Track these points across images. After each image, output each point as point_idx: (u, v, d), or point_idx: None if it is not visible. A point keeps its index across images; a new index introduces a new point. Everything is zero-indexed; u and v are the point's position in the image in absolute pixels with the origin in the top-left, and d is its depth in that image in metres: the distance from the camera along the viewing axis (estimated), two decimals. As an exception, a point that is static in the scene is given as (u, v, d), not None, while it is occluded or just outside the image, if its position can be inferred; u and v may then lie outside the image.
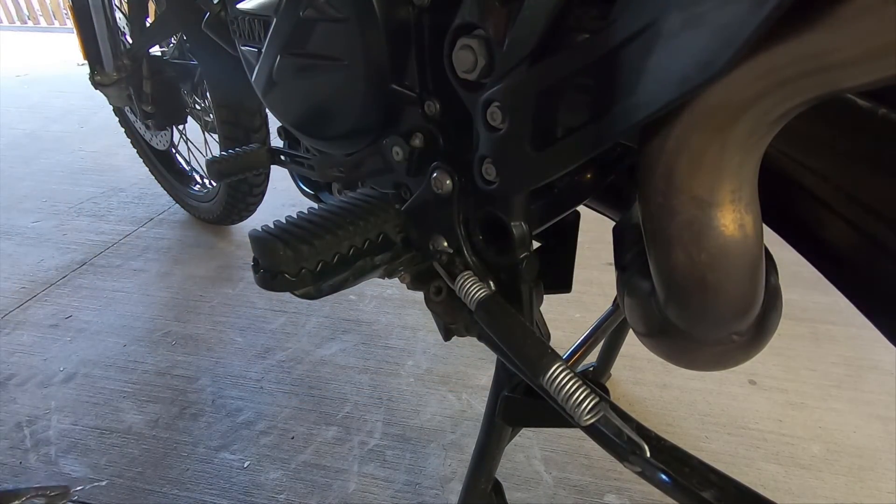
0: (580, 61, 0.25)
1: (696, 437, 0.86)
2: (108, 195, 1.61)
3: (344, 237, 0.37)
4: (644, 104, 0.22)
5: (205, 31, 0.63)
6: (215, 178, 0.57)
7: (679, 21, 0.20)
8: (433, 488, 0.78)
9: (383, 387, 0.95)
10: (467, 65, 0.31)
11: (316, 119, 0.49)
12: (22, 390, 0.95)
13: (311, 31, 0.43)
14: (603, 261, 1.26)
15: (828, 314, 1.10)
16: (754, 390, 0.94)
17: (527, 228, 0.37)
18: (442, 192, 0.38)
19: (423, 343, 1.05)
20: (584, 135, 0.26)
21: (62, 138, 2.01)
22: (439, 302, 0.42)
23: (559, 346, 0.39)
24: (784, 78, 0.19)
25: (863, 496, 0.77)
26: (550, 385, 0.30)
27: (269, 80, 0.50)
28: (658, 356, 0.34)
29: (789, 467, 0.81)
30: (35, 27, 4.19)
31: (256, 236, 0.37)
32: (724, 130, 0.22)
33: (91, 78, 1.18)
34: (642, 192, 0.26)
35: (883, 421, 0.88)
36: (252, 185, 1.23)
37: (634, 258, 0.34)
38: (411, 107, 0.39)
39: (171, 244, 1.39)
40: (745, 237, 0.25)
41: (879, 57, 0.17)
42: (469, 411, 0.91)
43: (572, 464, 0.81)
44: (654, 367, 0.98)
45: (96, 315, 1.12)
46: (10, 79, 2.75)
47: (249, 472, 0.81)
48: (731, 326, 0.29)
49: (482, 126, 0.31)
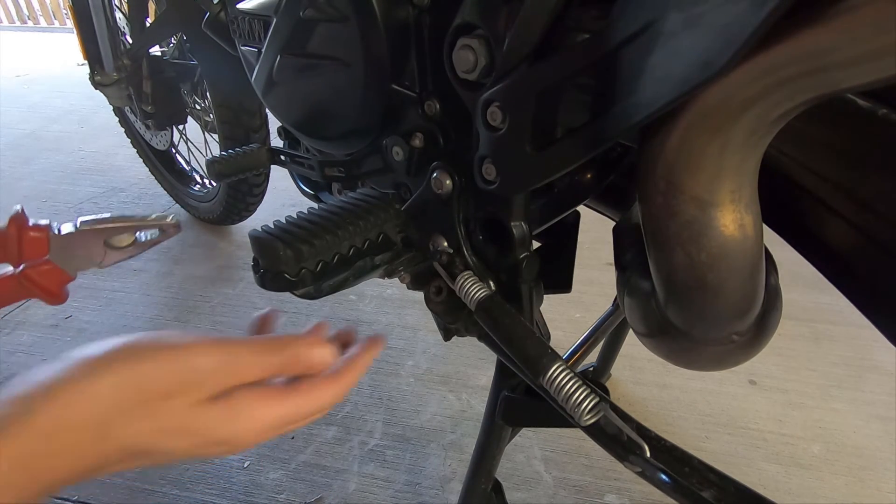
0: (580, 61, 0.25)
1: (696, 437, 0.86)
2: (108, 195, 1.61)
3: (344, 237, 0.37)
4: (644, 104, 0.22)
5: (205, 31, 0.63)
6: (215, 178, 0.57)
7: (679, 21, 0.20)
8: (433, 488, 0.78)
9: (383, 387, 0.95)
10: (467, 65, 0.31)
11: (316, 119, 0.49)
12: (22, 390, 0.95)
13: (311, 31, 0.43)
14: (603, 261, 1.26)
15: (828, 314, 1.10)
16: (754, 390, 0.94)
17: (527, 228, 0.37)
18: (442, 192, 0.38)
19: (423, 343, 1.05)
20: (584, 135, 0.26)
21: (62, 138, 2.01)
22: (439, 302, 0.42)
23: (559, 346, 0.39)
24: (784, 78, 0.19)
25: (863, 496, 0.77)
26: (550, 385, 0.30)
27: (268, 80, 0.50)
28: (658, 356, 0.34)
29: (789, 467, 0.81)
30: (35, 27, 4.18)
31: (256, 236, 0.37)
32: (724, 130, 0.22)
33: (91, 78, 1.17)
34: (642, 192, 0.26)
35: (883, 421, 0.88)
36: (252, 185, 1.23)
37: (634, 258, 0.34)
38: (411, 107, 0.39)
39: (171, 244, 1.39)
40: (745, 237, 0.25)
41: (879, 57, 0.17)
42: (469, 411, 0.91)
43: (572, 464, 0.81)
44: (654, 367, 0.98)
45: (96, 315, 1.12)
46: (10, 79, 2.75)
47: (249, 472, 0.81)
48: (732, 326, 0.29)
49: (482, 126, 0.31)
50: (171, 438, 0.27)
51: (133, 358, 0.27)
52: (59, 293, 0.47)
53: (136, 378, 0.26)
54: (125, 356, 0.27)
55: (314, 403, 0.31)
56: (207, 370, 0.28)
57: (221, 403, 0.28)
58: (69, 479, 0.26)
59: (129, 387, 0.26)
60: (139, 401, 0.26)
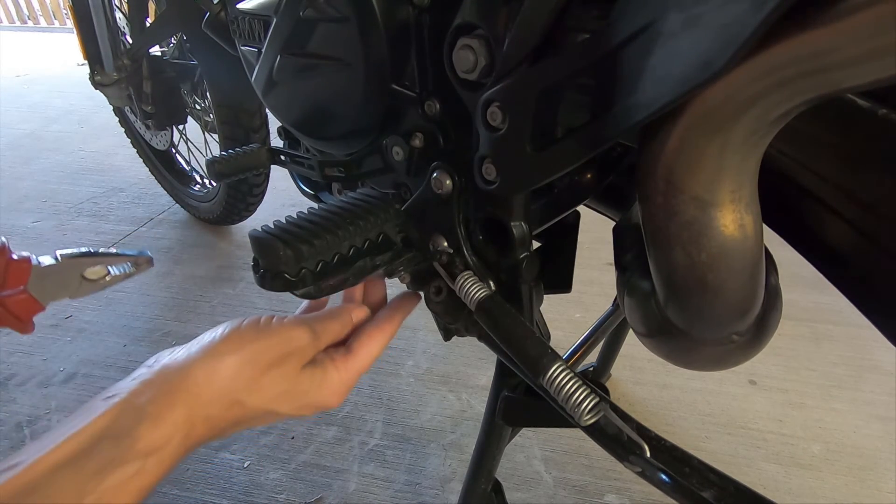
0: (580, 61, 0.25)
1: (696, 437, 0.86)
2: (108, 195, 1.61)
3: (344, 237, 0.37)
4: (644, 104, 0.22)
5: (205, 31, 0.63)
6: (215, 178, 0.57)
7: (679, 21, 0.20)
8: (433, 488, 0.78)
9: (383, 387, 0.95)
10: (467, 65, 0.31)
11: (316, 119, 0.49)
12: (22, 390, 0.95)
13: (311, 31, 0.43)
14: (603, 261, 1.26)
15: (828, 314, 1.10)
16: (754, 390, 0.94)
17: (527, 228, 0.37)
18: (442, 192, 0.38)
19: (423, 343, 1.05)
20: (584, 135, 0.26)
21: (62, 138, 2.01)
22: (439, 302, 0.42)
23: (559, 346, 0.39)
24: (784, 78, 0.19)
25: (863, 496, 0.77)
26: (550, 385, 0.30)
27: (269, 80, 0.50)
28: (658, 356, 0.34)
29: (789, 467, 0.81)
30: (35, 27, 4.18)
31: (256, 236, 0.36)
32: (724, 130, 0.22)
33: (91, 78, 1.17)
34: (642, 192, 0.26)
35: (883, 421, 0.88)
36: (252, 185, 1.23)
37: (634, 258, 0.34)
38: (411, 107, 0.39)
39: (171, 244, 1.39)
40: (745, 237, 0.25)
41: (879, 57, 0.17)
42: (469, 411, 0.91)
43: (572, 464, 0.81)
44: (654, 367, 0.98)
45: (96, 315, 1.12)
46: (10, 79, 2.75)
47: (249, 472, 0.81)
48: (731, 326, 0.29)
49: (482, 126, 0.31)
50: (280, 402, 0.34)
51: (245, 339, 0.34)
52: (29, 322, 0.49)
53: (249, 355, 0.33)
54: (238, 339, 0.34)
55: (370, 354, 0.39)
56: (300, 343, 0.36)
57: (312, 368, 0.36)
58: (208, 440, 0.33)
59: (246, 362, 0.33)
60: (253, 373, 0.33)
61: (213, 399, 0.32)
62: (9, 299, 0.46)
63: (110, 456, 0.28)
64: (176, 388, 0.31)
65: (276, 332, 0.35)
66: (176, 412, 0.30)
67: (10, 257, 0.47)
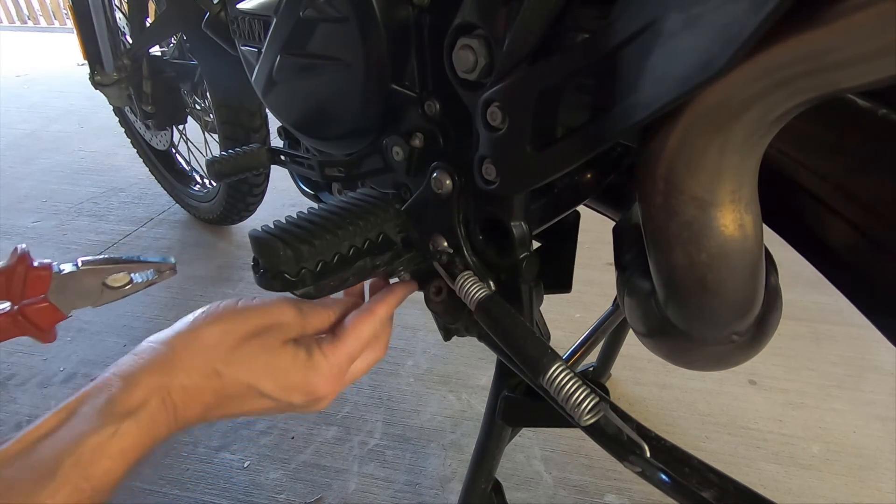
0: (580, 61, 0.25)
1: (696, 437, 0.86)
2: (108, 195, 1.61)
3: (344, 237, 0.37)
4: (644, 104, 0.22)
5: (205, 31, 0.63)
6: (215, 178, 0.57)
7: (679, 21, 0.20)
8: (433, 488, 0.78)
9: (383, 387, 0.95)
10: (467, 65, 0.31)
11: (316, 119, 0.49)
12: (22, 390, 0.95)
13: (310, 31, 0.43)
14: (603, 261, 1.26)
15: (828, 314, 1.10)
16: (754, 390, 0.94)
17: (527, 228, 0.37)
18: (442, 192, 0.38)
19: (423, 343, 1.05)
20: (584, 135, 0.26)
21: (62, 138, 2.01)
22: (439, 302, 0.42)
23: (559, 346, 0.39)
24: (784, 78, 0.19)
25: (863, 496, 0.77)
26: (550, 385, 0.30)
27: (268, 80, 0.50)
28: (658, 356, 0.34)
29: (789, 467, 0.81)
30: (35, 27, 4.18)
31: (256, 236, 0.37)
32: (724, 130, 0.22)
33: (91, 78, 1.17)
34: (642, 192, 0.26)
35: (883, 421, 0.88)
36: (252, 185, 1.23)
37: (634, 258, 0.34)
38: (411, 107, 0.39)
39: (171, 244, 1.39)
40: (745, 237, 0.25)
41: (879, 57, 0.17)
42: (469, 411, 0.91)
43: (572, 464, 0.81)
44: (654, 367, 0.98)
45: (96, 315, 1.12)
46: (10, 79, 2.75)
47: (249, 472, 0.81)
48: (731, 326, 0.29)
49: (482, 126, 0.31)
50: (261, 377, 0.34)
51: (227, 312, 0.35)
52: (51, 331, 0.49)
53: (228, 325, 0.34)
54: (220, 313, 0.35)
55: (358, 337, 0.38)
56: (283, 318, 0.36)
57: (296, 348, 0.36)
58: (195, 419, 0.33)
59: (224, 332, 0.34)
60: (232, 342, 0.34)
61: (190, 367, 0.32)
62: (29, 308, 0.46)
63: (88, 420, 0.29)
64: (153, 356, 0.32)
65: (258, 306, 0.36)
66: (150, 377, 0.31)
67: (31, 265, 0.47)
